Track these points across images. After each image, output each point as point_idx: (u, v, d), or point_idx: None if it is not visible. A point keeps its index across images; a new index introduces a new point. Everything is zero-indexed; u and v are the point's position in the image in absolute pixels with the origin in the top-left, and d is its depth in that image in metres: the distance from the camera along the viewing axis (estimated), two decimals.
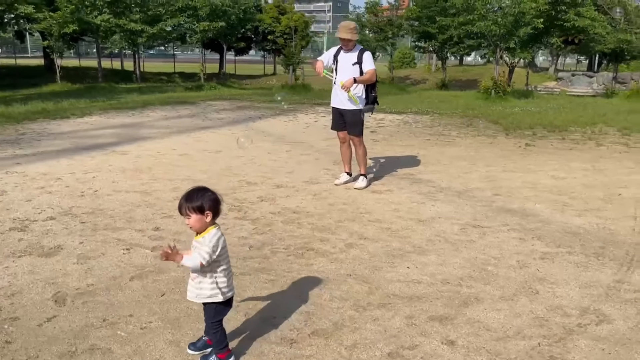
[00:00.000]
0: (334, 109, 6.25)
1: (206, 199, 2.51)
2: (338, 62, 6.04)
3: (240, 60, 42.82)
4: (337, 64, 6.05)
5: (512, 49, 19.02)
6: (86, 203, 5.30)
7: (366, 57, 5.96)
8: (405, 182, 6.46)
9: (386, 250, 4.22)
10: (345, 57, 6.00)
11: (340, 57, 6.03)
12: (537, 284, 3.64)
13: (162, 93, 17.58)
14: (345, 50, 6.00)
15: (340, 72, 6.03)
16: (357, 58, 5.95)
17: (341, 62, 6.02)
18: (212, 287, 2.58)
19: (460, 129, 10.91)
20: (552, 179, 6.74)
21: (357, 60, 5.96)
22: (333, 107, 6.27)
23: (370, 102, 6.15)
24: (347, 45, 5.92)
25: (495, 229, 4.77)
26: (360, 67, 5.95)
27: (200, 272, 2.56)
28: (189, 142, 8.99)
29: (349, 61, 5.98)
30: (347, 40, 5.86)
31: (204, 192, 2.55)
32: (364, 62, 5.95)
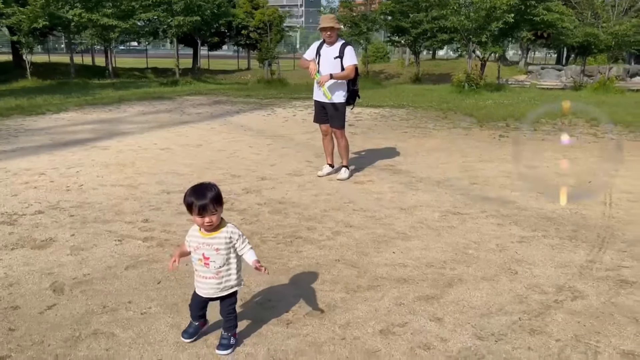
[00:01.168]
0: (317, 102, 6.37)
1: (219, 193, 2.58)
2: (320, 55, 6.13)
3: (213, 55, 42.54)
4: (319, 58, 6.14)
5: (484, 43, 19.37)
6: (73, 197, 5.34)
7: (347, 51, 6.04)
8: (386, 173, 6.64)
9: (372, 237, 4.38)
10: (327, 50, 6.09)
11: (322, 51, 6.12)
12: (516, 265, 3.85)
13: (138, 88, 17.45)
14: (328, 43, 6.09)
15: (322, 66, 6.12)
16: (338, 52, 6.04)
17: (323, 56, 6.11)
18: (237, 275, 2.71)
19: (436, 122, 11.15)
20: (525, 167, 6.99)
21: (339, 54, 6.04)
22: (315, 101, 6.39)
23: (351, 96, 6.27)
24: (330, 37, 5.99)
25: (474, 216, 4.98)
26: (342, 61, 6.05)
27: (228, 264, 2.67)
28: (169, 136, 9.02)
29: (330, 55, 6.07)
30: (330, 28, 5.92)
31: (213, 187, 2.59)
32: (345, 56, 6.03)
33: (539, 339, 2.86)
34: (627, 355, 2.72)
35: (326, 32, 6.00)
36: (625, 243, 4.30)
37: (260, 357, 2.68)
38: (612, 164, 7.23)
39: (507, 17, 17.82)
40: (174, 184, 5.93)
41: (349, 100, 6.29)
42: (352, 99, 6.32)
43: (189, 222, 4.61)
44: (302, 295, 3.34)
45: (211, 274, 2.68)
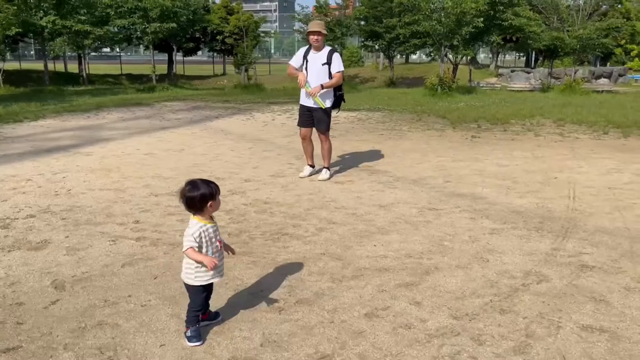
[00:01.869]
0: (303, 106, 6.56)
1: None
2: (308, 61, 6.32)
3: (188, 60, 42.50)
4: (307, 64, 6.33)
5: (456, 47, 19.92)
6: (62, 201, 5.49)
7: (335, 58, 6.26)
8: (365, 173, 6.93)
9: (354, 232, 4.66)
10: (315, 57, 6.28)
11: (310, 57, 6.30)
12: (488, 254, 4.16)
13: (114, 95, 17.47)
14: (315, 49, 6.27)
15: (310, 72, 6.30)
16: (326, 58, 6.25)
17: (311, 62, 6.30)
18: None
19: (410, 124, 11.51)
20: (496, 166, 7.37)
21: (327, 61, 6.25)
22: (302, 105, 6.58)
23: (336, 101, 6.52)
24: (317, 42, 6.18)
25: (449, 211, 5.29)
26: (329, 67, 6.27)
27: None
28: (151, 142, 9.17)
29: (318, 61, 6.26)
30: (318, 32, 6.13)
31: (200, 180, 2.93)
32: (333, 63, 6.25)
33: (508, 317, 3.17)
34: (586, 329, 3.04)
35: (314, 36, 6.19)
36: (586, 232, 4.66)
37: (256, 340, 2.92)
38: (576, 161, 7.65)
39: (477, 21, 18.40)
40: (160, 187, 6.12)
41: (334, 105, 6.54)
42: (337, 103, 6.57)
43: (178, 223, 4.85)
44: (292, 286, 3.59)
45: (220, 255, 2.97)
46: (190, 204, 2.85)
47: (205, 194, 2.83)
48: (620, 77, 30.21)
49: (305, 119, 6.61)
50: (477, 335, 2.96)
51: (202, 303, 2.94)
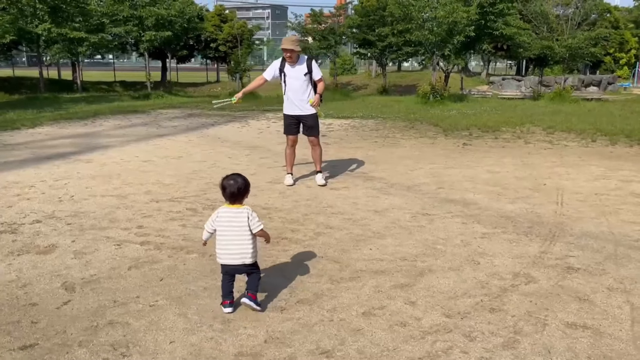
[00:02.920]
0: (290, 116, 6.76)
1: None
2: (286, 75, 6.53)
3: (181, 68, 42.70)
4: (285, 77, 6.54)
5: (447, 56, 20.23)
6: (66, 207, 5.64)
7: (314, 65, 6.56)
8: (360, 180, 7.13)
9: (350, 236, 4.84)
10: (294, 69, 6.48)
11: (287, 70, 6.50)
12: (479, 257, 4.36)
13: (110, 102, 17.61)
14: (291, 63, 6.43)
15: (291, 84, 6.51)
16: (307, 68, 6.50)
17: (291, 75, 6.50)
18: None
19: (403, 132, 11.74)
20: (488, 172, 7.59)
21: (308, 70, 6.51)
22: (288, 115, 6.78)
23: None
24: (291, 58, 6.39)
25: (442, 216, 5.49)
26: (310, 76, 6.53)
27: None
28: (149, 149, 9.33)
29: (300, 72, 6.49)
30: (291, 50, 6.33)
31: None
32: (314, 70, 6.52)
33: (497, 315, 3.36)
34: (571, 326, 3.23)
35: (286, 53, 6.39)
36: (573, 236, 4.87)
37: (260, 337, 3.09)
38: (565, 168, 7.89)
39: (468, 30, 18.71)
40: (161, 193, 6.28)
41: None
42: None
43: (180, 227, 5.02)
44: (292, 287, 3.76)
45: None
46: (236, 194, 3.33)
47: (248, 185, 3.40)
48: (610, 85, 30.72)
49: (293, 127, 6.82)
50: (468, 332, 3.14)
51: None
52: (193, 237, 4.75)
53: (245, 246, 3.32)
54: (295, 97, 6.60)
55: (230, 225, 3.31)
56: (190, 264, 4.18)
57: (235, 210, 3.32)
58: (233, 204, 3.34)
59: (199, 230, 4.78)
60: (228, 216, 3.33)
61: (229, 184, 3.31)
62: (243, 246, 3.31)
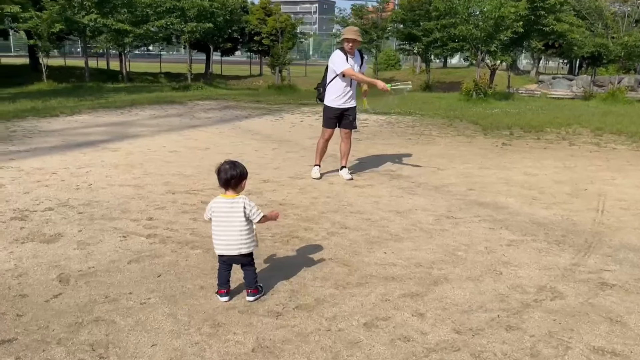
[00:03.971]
0: (335, 109, 6.58)
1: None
2: (352, 66, 6.42)
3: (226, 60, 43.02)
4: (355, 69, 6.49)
5: (493, 52, 19.51)
6: (82, 195, 5.57)
7: (365, 59, 6.71)
8: (386, 178, 6.81)
9: (365, 238, 4.55)
10: (353, 62, 6.42)
11: (350, 62, 6.37)
12: (502, 267, 4.00)
13: (150, 93, 17.78)
14: (351, 54, 6.36)
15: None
16: (361, 59, 6.54)
17: (353, 65, 6.41)
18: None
19: (440, 129, 11.30)
20: (524, 175, 7.13)
21: (360, 62, 6.53)
22: (334, 107, 6.58)
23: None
24: (352, 49, 6.35)
25: (467, 220, 5.13)
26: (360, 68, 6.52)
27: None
28: (178, 139, 9.27)
29: (357, 65, 6.48)
30: (353, 40, 6.29)
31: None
32: (364, 63, 6.63)
33: (514, 334, 3.02)
34: (597, 351, 2.86)
35: (349, 43, 6.30)
36: (611, 248, 4.43)
37: (249, 345, 2.86)
38: (610, 172, 7.33)
39: (516, 26, 17.97)
40: (179, 184, 6.15)
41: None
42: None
43: (191, 221, 4.85)
44: (294, 290, 3.52)
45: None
46: (230, 181, 3.20)
47: (244, 173, 3.25)
48: None
49: (335, 121, 6.69)
50: (478, 352, 2.82)
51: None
52: (201, 231, 4.57)
53: (241, 236, 3.24)
54: (347, 90, 6.52)
55: (225, 216, 3.23)
56: (193, 260, 3.99)
57: (231, 200, 3.24)
58: (227, 191, 3.26)
59: (207, 225, 4.58)
60: (223, 206, 3.25)
61: (225, 169, 3.22)
62: (239, 236, 3.24)
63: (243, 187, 3.29)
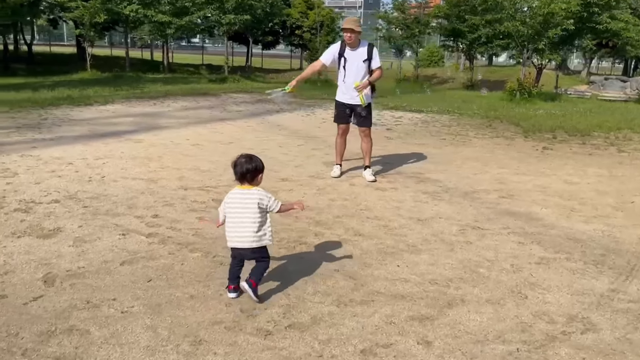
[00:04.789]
0: (341, 103, 6.36)
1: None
2: (346, 59, 6.09)
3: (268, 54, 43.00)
4: (345, 62, 6.10)
5: (541, 50, 18.63)
6: (92, 188, 5.40)
7: (375, 53, 6.10)
8: (412, 181, 6.40)
9: (379, 248, 4.19)
10: (354, 54, 6.06)
11: (348, 54, 6.08)
12: (528, 289, 3.57)
13: (186, 84, 17.75)
14: (349, 45, 6.00)
15: (349, 69, 6.08)
16: (367, 54, 6.05)
17: (350, 60, 6.08)
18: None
19: (478, 130, 10.75)
20: (564, 183, 6.59)
21: (367, 57, 6.07)
22: (340, 102, 6.36)
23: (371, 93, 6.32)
24: (350, 39, 5.95)
25: (495, 232, 4.69)
26: (369, 63, 6.08)
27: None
28: (203, 132, 9.08)
29: (359, 58, 6.07)
30: (351, 30, 5.92)
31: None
32: (374, 58, 6.09)
33: None
34: None
35: (347, 33, 5.98)
36: None
37: None
38: None
39: (566, 23, 17.06)
40: (193, 180, 5.92)
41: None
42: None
43: (197, 220, 4.59)
44: (290, 305, 3.20)
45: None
46: (246, 175, 3.14)
47: (259, 167, 3.18)
48: None
49: (343, 116, 6.43)
50: None
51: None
52: (205, 233, 4.31)
53: (253, 229, 3.12)
54: (351, 84, 6.12)
55: (239, 207, 3.15)
56: (189, 264, 3.72)
57: (245, 192, 3.17)
58: (242, 184, 3.20)
59: (213, 226, 4.36)
60: (237, 198, 3.18)
61: (240, 162, 3.17)
62: (250, 229, 3.12)
63: (259, 181, 3.21)
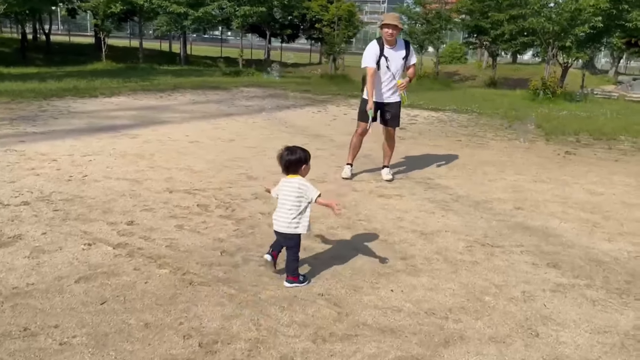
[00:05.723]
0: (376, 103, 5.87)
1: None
2: (388, 58, 5.80)
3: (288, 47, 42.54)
4: (387, 61, 5.81)
5: (567, 48, 17.87)
6: (69, 189, 5.01)
7: (412, 50, 6.01)
8: (420, 187, 5.90)
9: (373, 267, 3.71)
10: (395, 53, 5.84)
11: (388, 53, 5.79)
12: (540, 324, 3.06)
13: (198, 77, 17.41)
14: (388, 42, 5.76)
15: (392, 68, 5.85)
16: (405, 51, 5.89)
17: (392, 58, 5.82)
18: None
19: (497, 131, 10.17)
20: (587, 193, 6.03)
21: (406, 54, 5.90)
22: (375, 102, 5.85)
23: None
24: (392, 36, 5.74)
25: (507, 250, 4.18)
26: (406, 60, 5.92)
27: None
28: (206, 128, 8.67)
29: (400, 55, 5.87)
30: (394, 27, 5.70)
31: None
32: (411, 55, 5.98)
33: None
34: None
35: (389, 29, 5.70)
36: None
37: None
38: None
39: (594, 20, 16.29)
40: (182, 182, 5.50)
41: None
42: None
43: (175, 229, 4.19)
44: (258, 339, 2.75)
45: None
46: (289, 166, 3.32)
47: (301, 158, 3.33)
48: None
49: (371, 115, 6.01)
50: None
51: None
52: (180, 245, 3.88)
53: (289, 215, 3.30)
54: (386, 83, 5.92)
55: (282, 194, 3.35)
56: (153, 283, 3.29)
57: (288, 180, 3.35)
58: (287, 174, 3.36)
59: (192, 236, 4.05)
60: (282, 185, 3.38)
61: (284, 154, 3.34)
62: (286, 215, 3.31)
63: (304, 171, 3.37)
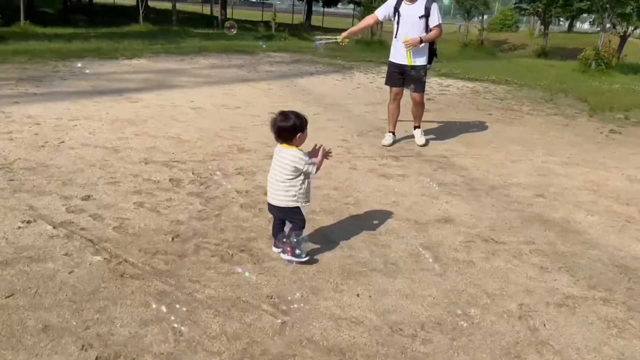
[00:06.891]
0: (394, 64, 5.81)
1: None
2: (400, 15, 5.58)
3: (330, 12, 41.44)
4: (399, 17, 5.60)
5: (627, 16, 16.35)
6: (37, 156, 4.61)
7: (434, 9, 5.53)
8: (431, 167, 5.24)
9: (344, 264, 3.15)
10: (409, 9, 5.55)
11: (402, 10, 5.57)
12: (533, 352, 2.44)
13: (228, 40, 16.85)
14: (408, 0, 5.51)
15: (403, 26, 5.60)
16: (424, 10, 5.50)
17: (405, 16, 5.57)
18: None
19: (535, 105, 9.26)
20: (625, 180, 5.23)
21: (425, 13, 5.50)
22: (393, 63, 5.83)
23: (429, 56, 5.76)
24: None
25: (513, 248, 3.52)
26: (427, 20, 5.52)
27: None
28: (215, 94, 8.18)
29: (415, 13, 5.53)
30: None
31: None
32: (432, 15, 5.53)
33: None
34: None
35: None
36: None
37: None
38: None
39: None
40: (163, 152, 5.03)
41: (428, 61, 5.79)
42: (430, 59, 5.82)
43: (134, 207, 3.72)
44: (172, 355, 2.25)
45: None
46: (280, 133, 2.98)
47: (296, 125, 2.96)
48: None
49: (396, 78, 5.86)
50: None
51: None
52: (130, 226, 3.42)
53: (282, 188, 3.03)
54: (399, 43, 5.65)
55: (275, 163, 3.06)
56: (81, 271, 2.84)
57: (284, 150, 3.03)
58: (282, 143, 3.04)
59: (148, 215, 3.70)
60: (277, 154, 3.07)
61: (277, 119, 2.99)
62: (278, 187, 3.04)
63: (299, 140, 3.01)
